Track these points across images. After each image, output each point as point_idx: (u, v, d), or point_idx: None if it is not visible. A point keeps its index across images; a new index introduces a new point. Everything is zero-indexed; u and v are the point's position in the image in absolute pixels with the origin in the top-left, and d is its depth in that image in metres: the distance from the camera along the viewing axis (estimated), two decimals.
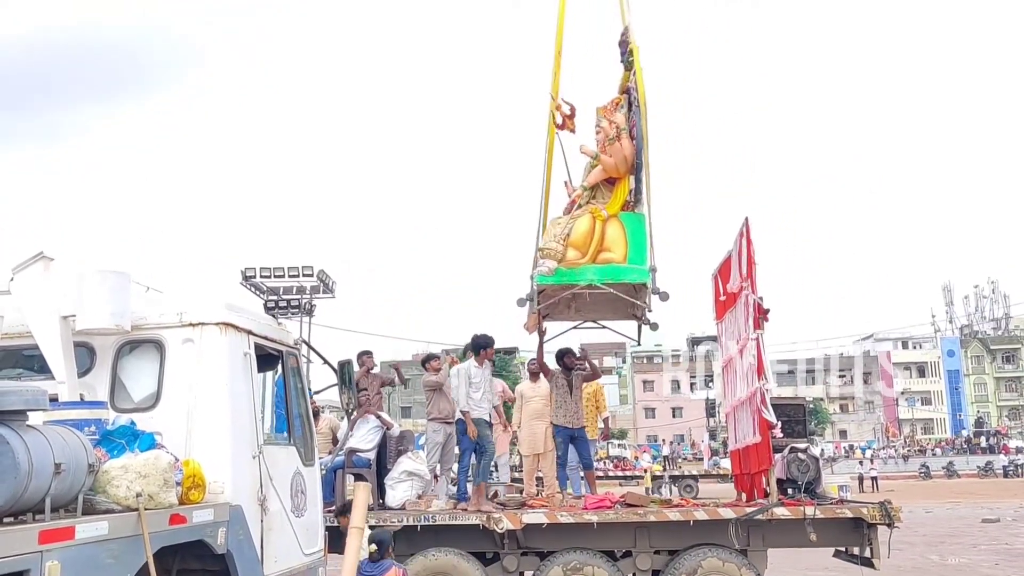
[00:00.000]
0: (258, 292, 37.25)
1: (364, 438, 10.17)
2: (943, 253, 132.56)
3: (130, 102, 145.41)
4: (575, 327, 11.24)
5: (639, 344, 11.30)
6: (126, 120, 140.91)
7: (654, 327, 10.52)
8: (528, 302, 9.88)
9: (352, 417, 9.98)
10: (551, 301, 10.04)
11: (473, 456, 9.90)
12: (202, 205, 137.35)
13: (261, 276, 37.26)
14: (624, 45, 10.38)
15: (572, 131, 10.33)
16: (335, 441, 11.26)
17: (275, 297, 37.16)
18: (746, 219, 9.92)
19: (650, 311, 9.77)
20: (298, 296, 37.56)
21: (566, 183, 10.72)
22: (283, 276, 37.38)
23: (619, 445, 61.62)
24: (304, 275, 37.41)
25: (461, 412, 9.78)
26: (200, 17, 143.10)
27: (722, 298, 11.25)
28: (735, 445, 11.12)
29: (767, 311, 9.64)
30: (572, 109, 10.37)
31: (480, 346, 9.99)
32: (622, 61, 10.44)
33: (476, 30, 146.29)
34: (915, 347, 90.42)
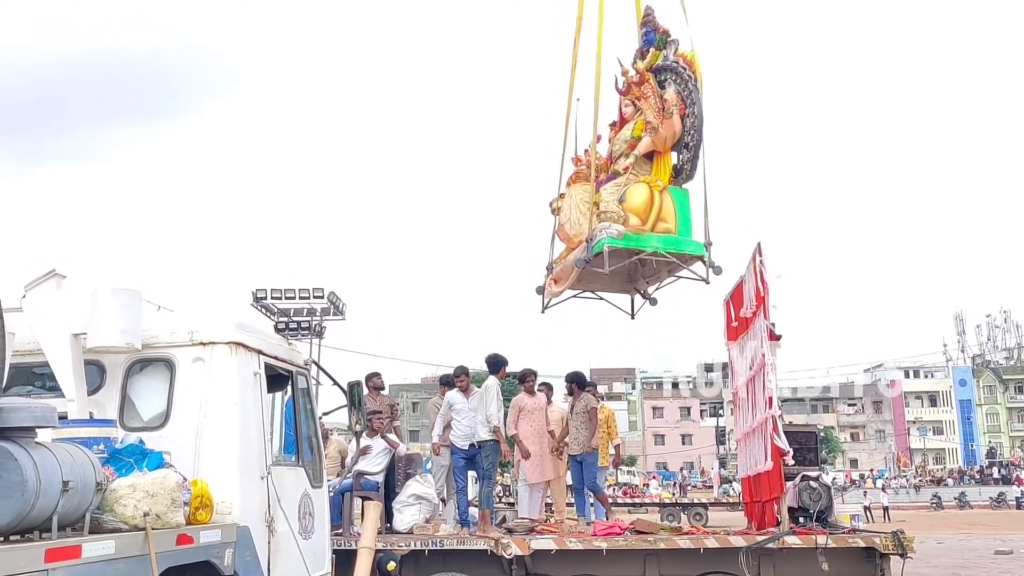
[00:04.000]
0: (269, 314, 37.36)
1: (372, 461, 10.13)
2: (955, 281, 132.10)
3: (154, 125, 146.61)
4: (575, 296, 11.31)
5: (633, 318, 11.44)
6: (149, 142, 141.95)
7: (653, 302, 10.78)
8: (585, 262, 9.89)
9: (361, 439, 9.96)
10: (617, 266, 10.03)
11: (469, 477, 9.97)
12: (217, 225, 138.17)
13: (272, 298, 37.37)
14: (650, 25, 10.53)
15: (637, 99, 10.28)
16: (343, 464, 11.22)
17: (285, 319, 37.25)
18: (758, 244, 9.91)
19: (707, 283, 10.07)
20: (308, 318, 37.65)
21: (575, 158, 10.84)
22: (294, 298, 37.49)
23: (628, 472, 61.30)
24: (315, 297, 37.51)
25: (491, 430, 9.79)
26: (214, 47, 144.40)
27: (734, 324, 11.20)
28: (746, 472, 11.04)
29: (779, 337, 9.61)
30: (641, 76, 10.35)
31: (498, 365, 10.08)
32: (650, 41, 10.52)
33: (488, 50, 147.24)
34: (927, 376, 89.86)
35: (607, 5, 10.28)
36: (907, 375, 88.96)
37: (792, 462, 10.31)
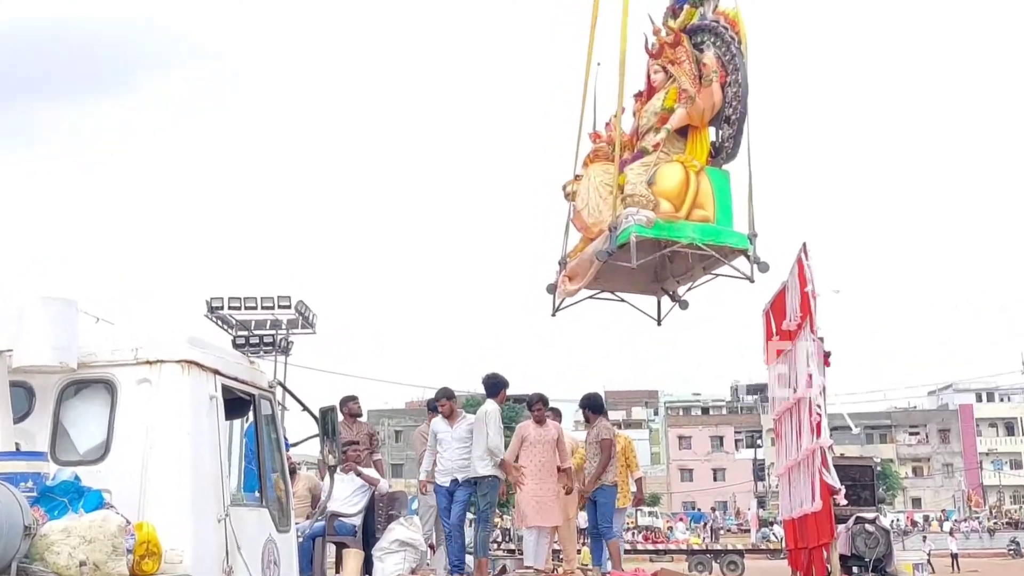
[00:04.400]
0: (226, 326, 37.31)
1: (348, 500, 10.13)
2: None
3: (101, 99, 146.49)
4: (591, 296, 11.25)
5: (659, 325, 11.34)
6: (93, 122, 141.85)
7: (684, 305, 10.63)
8: (607, 255, 9.80)
9: (335, 474, 9.96)
10: (645, 259, 9.94)
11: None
12: (170, 222, 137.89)
13: (230, 307, 37.28)
14: None
15: (670, 63, 10.24)
16: (314, 504, 11.21)
17: (245, 332, 37.18)
18: (803, 244, 9.94)
19: (752, 282, 9.95)
20: (272, 331, 37.59)
21: (593, 133, 10.84)
22: (255, 308, 37.38)
23: (650, 513, 61.32)
24: (280, 307, 37.40)
25: (495, 464, 9.86)
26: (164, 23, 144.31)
27: (774, 338, 11.22)
28: (789, 514, 11.05)
29: (829, 354, 9.63)
30: (676, 35, 10.31)
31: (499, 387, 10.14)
32: None
33: (476, 58, 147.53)
34: (1002, 399, 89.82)
35: None
36: (979, 398, 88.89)
37: (844, 502, 10.33)
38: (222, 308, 37.08)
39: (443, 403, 10.46)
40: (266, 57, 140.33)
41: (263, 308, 37.35)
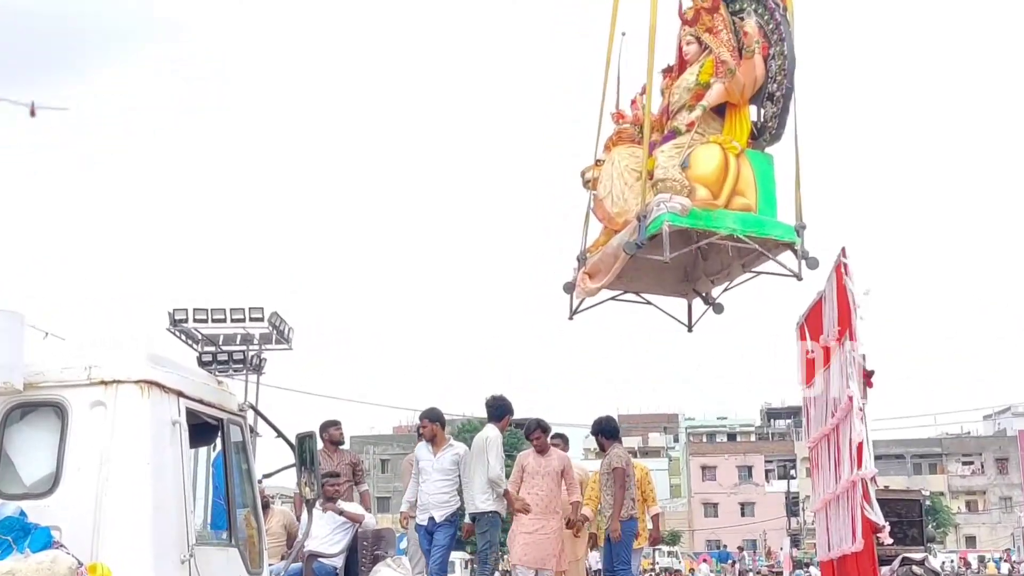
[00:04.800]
0: (191, 341, 37.32)
1: (329, 538, 10.13)
2: None
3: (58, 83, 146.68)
4: (613, 298, 11.17)
5: (691, 331, 11.22)
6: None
7: (718, 309, 10.51)
8: (636, 247, 9.63)
9: (313, 509, 9.96)
10: (679, 253, 9.85)
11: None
12: (127, 228, 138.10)
13: (195, 320, 37.28)
14: None
15: (709, 31, 10.11)
16: (290, 542, 11.21)
17: (213, 348, 37.19)
18: (842, 249, 9.93)
19: (800, 279, 9.84)
20: (243, 347, 37.58)
21: (615, 113, 10.76)
22: (224, 320, 37.38)
23: (669, 553, 61.29)
24: (252, 319, 37.39)
25: (496, 497, 9.94)
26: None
27: (810, 356, 11.22)
28: (827, 554, 11.05)
29: (872, 373, 9.62)
30: (714, 1, 10.18)
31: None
32: None
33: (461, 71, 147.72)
34: None
35: None
36: None
37: (889, 540, 10.31)
38: (186, 321, 37.04)
39: (424, 424, 10.44)
40: (260, 61, 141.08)
41: (233, 321, 37.29)
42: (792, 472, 73.98)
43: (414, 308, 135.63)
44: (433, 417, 10.50)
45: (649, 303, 11.35)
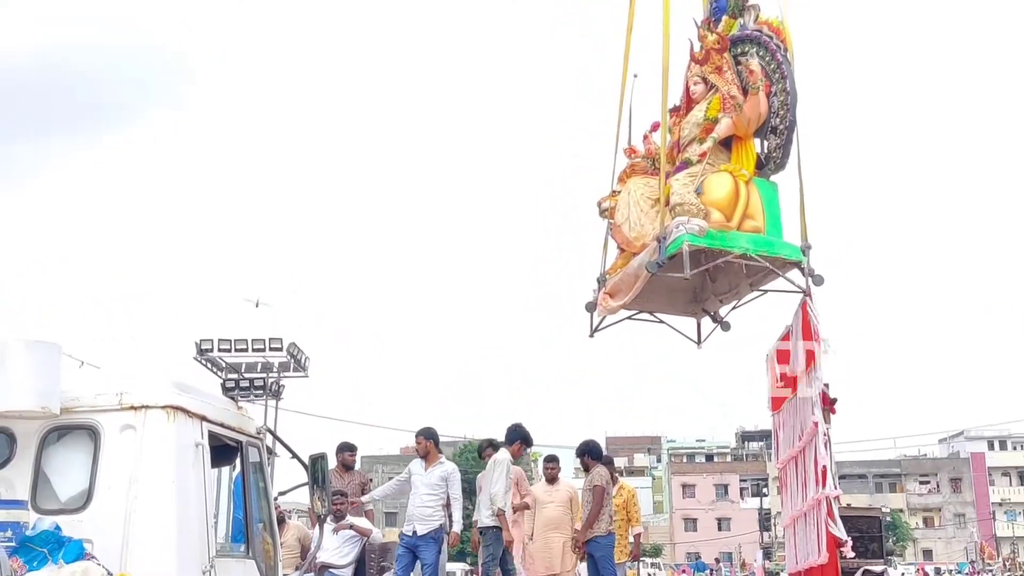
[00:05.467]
0: (215, 369, 37.27)
1: (339, 551, 10.08)
2: None
3: (92, 137, 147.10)
4: (629, 317, 11.07)
5: (700, 347, 11.14)
6: (86, 156, 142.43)
7: (726, 326, 10.47)
8: (658, 266, 9.55)
9: (325, 524, 9.93)
10: (698, 270, 9.81)
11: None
12: (153, 262, 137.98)
13: (219, 350, 37.27)
14: None
15: (717, 70, 10.11)
16: (303, 554, 11.15)
17: (235, 376, 37.11)
18: (807, 288, 9.93)
19: (808, 295, 9.73)
20: (263, 375, 37.54)
21: (627, 148, 10.73)
22: (246, 350, 37.35)
23: (652, 565, 60.83)
24: (272, 349, 37.36)
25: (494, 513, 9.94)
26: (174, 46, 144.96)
27: (779, 384, 11.20)
28: (795, 567, 10.98)
29: (835, 401, 9.60)
30: (724, 41, 10.13)
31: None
32: (722, 8, 10.47)
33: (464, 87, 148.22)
34: (1015, 447, 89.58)
35: None
36: (992, 446, 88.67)
37: (852, 554, 10.27)
38: (212, 350, 37.02)
39: (419, 441, 10.39)
40: (259, 95, 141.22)
41: (254, 350, 37.27)
42: (764, 490, 73.53)
43: (418, 336, 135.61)
44: (428, 435, 10.46)
45: (662, 322, 11.27)
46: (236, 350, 37.27)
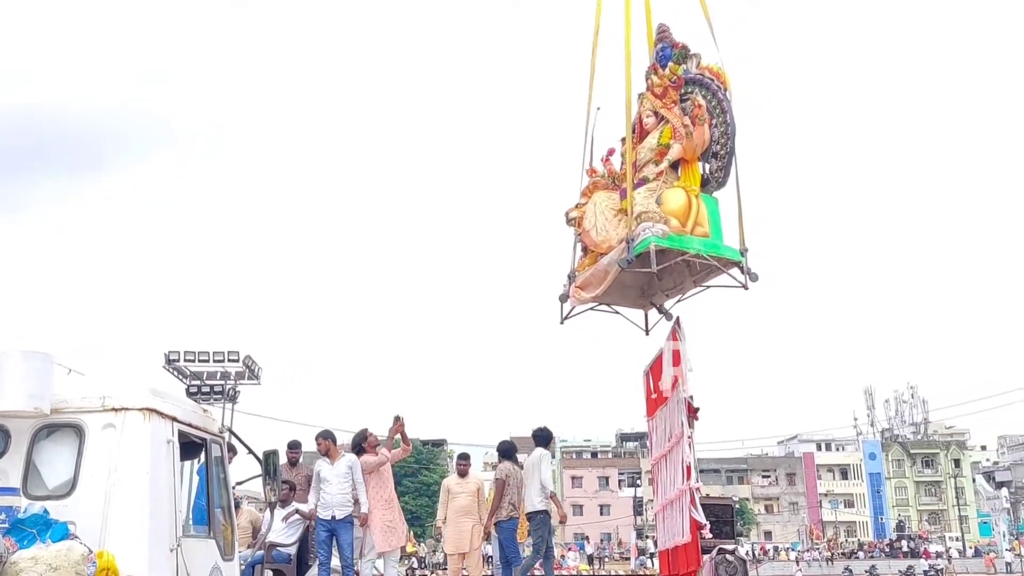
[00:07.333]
0: (181, 376, 36.54)
1: (285, 532, 9.90)
2: (866, 356, 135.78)
3: (82, 182, 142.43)
4: (591, 308, 11.01)
5: (647, 334, 11.14)
6: (78, 199, 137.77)
7: (669, 317, 10.56)
8: (628, 263, 9.53)
9: (275, 510, 9.76)
10: (664, 265, 9.84)
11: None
12: (130, 284, 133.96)
13: (185, 360, 36.60)
14: (666, 41, 10.53)
15: (671, 105, 10.19)
16: (255, 535, 10.92)
17: (198, 382, 36.46)
18: (676, 318, 10.12)
19: (747, 289, 9.86)
20: (222, 382, 36.91)
21: (589, 169, 10.75)
22: (207, 360, 36.81)
23: None
24: (229, 360, 36.87)
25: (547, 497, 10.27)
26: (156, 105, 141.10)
27: (653, 396, 11.34)
28: (664, 545, 11.07)
29: (697, 409, 9.77)
30: (679, 80, 10.24)
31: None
32: (667, 57, 10.50)
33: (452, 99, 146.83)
34: (838, 449, 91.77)
35: (612, 21, 10.14)
36: (819, 448, 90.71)
37: (709, 535, 10.40)
38: (178, 360, 36.35)
39: (320, 443, 10.14)
40: (249, 123, 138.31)
41: (214, 361, 36.80)
42: (639, 482, 74.15)
43: (355, 346, 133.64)
44: (326, 436, 10.25)
45: (617, 312, 11.26)
46: (199, 360, 36.68)
